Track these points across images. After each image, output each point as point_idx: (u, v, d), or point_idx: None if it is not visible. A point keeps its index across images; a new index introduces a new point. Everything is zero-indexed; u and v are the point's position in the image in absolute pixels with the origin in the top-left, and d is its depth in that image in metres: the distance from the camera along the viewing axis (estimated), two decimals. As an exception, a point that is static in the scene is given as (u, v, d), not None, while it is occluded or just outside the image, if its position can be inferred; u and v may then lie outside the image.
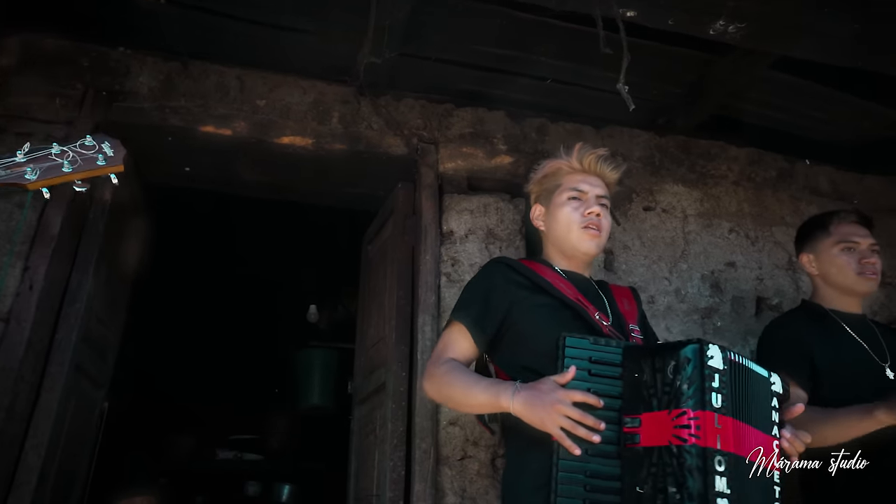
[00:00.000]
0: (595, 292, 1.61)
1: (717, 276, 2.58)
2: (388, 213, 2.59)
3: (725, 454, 1.15)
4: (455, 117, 2.56)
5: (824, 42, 2.18)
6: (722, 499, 1.11)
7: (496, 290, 1.53)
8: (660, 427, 1.19)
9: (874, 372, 1.78)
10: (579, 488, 1.22)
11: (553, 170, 1.68)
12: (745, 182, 2.78)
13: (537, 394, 1.28)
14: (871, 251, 1.88)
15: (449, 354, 1.51)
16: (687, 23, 2.11)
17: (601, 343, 1.33)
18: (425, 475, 2.01)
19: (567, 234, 1.59)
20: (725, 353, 1.23)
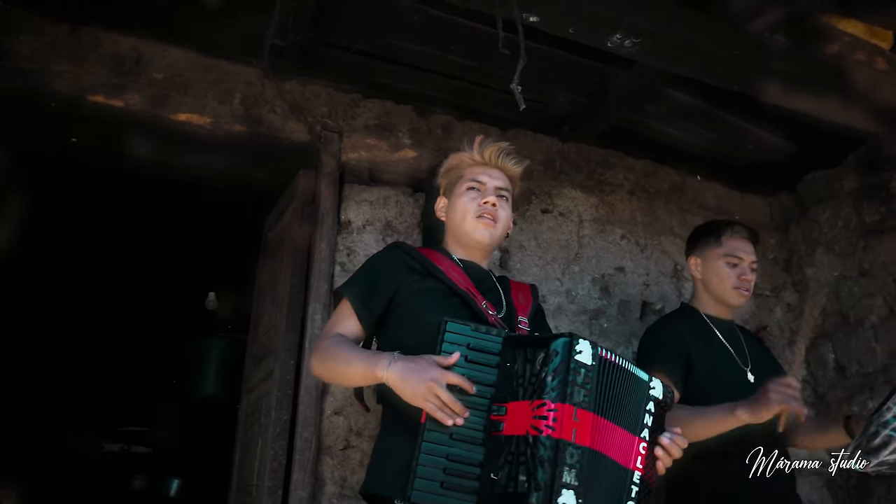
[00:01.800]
0: (491, 284, 1.64)
1: (607, 279, 2.69)
2: (289, 200, 2.55)
3: (579, 448, 1.18)
4: (361, 108, 2.55)
5: (709, 64, 2.32)
6: (567, 490, 1.14)
7: (386, 272, 1.55)
8: (521, 416, 1.22)
9: (737, 374, 1.92)
10: (438, 471, 1.23)
11: (456, 162, 1.72)
12: (639, 192, 2.92)
13: (414, 367, 1.30)
14: (751, 269, 2.02)
15: (336, 330, 1.52)
16: (587, 34, 2.19)
17: (481, 331, 1.34)
18: (305, 464, 1.99)
19: (462, 223, 1.62)
20: (596, 349, 1.26)
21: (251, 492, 2.21)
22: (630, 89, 2.65)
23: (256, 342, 2.66)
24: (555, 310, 2.52)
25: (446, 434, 1.26)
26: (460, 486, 1.23)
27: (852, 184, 2.83)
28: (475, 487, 1.23)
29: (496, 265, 2.51)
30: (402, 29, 2.46)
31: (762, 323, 2.89)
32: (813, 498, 2.63)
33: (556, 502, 1.13)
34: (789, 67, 2.37)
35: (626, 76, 2.59)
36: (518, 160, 1.73)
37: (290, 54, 2.46)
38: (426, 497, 1.22)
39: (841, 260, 2.82)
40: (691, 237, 2.18)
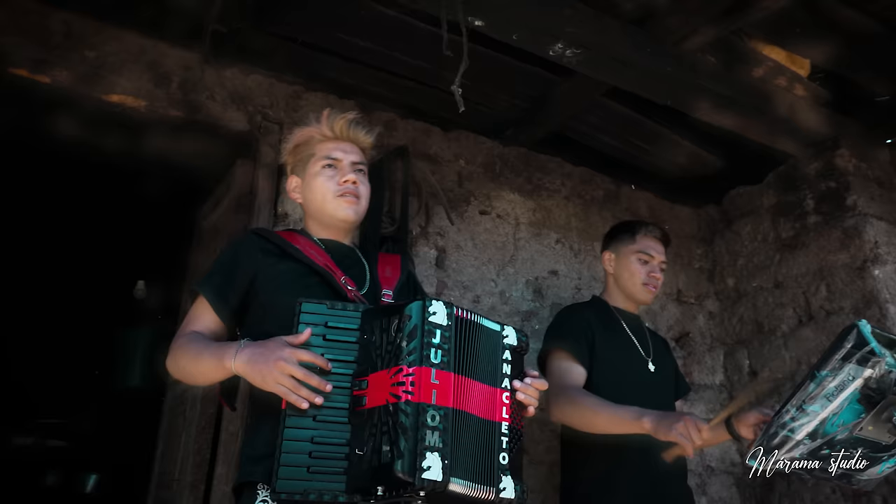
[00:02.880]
0: (354, 259, 1.57)
1: (541, 282, 2.76)
2: (225, 189, 2.50)
3: (441, 409, 1.16)
4: (304, 101, 2.53)
5: (645, 79, 2.42)
6: (433, 452, 1.12)
7: (241, 259, 1.46)
8: (381, 386, 1.18)
9: (639, 363, 2.03)
10: (303, 456, 1.18)
11: (305, 138, 1.60)
12: (575, 198, 3.00)
13: (262, 351, 1.23)
14: (660, 268, 2.11)
15: (191, 328, 1.42)
16: (530, 41, 2.25)
17: (338, 307, 1.28)
18: (229, 459, 1.96)
19: (323, 204, 1.54)
20: (451, 308, 1.23)
21: (171, 486, 2.16)
22: (571, 98, 2.72)
23: (185, 333, 2.59)
24: (488, 310, 2.56)
25: (309, 417, 1.19)
26: (329, 468, 1.18)
27: (771, 200, 3.00)
28: (344, 467, 1.18)
29: (431, 264, 2.53)
30: (349, 23, 2.44)
31: (685, 329, 3.02)
32: (723, 495, 2.78)
33: (421, 466, 1.10)
34: (718, 87, 2.49)
35: (568, 84, 2.67)
36: (368, 130, 1.65)
37: (232, 41, 2.41)
38: (293, 485, 1.16)
39: (759, 272, 2.98)
40: (608, 234, 2.26)
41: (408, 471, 1.11)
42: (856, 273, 2.59)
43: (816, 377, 1.46)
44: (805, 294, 2.76)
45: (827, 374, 1.45)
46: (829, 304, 2.66)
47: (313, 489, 1.17)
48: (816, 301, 2.70)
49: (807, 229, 2.80)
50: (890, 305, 2.48)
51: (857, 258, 2.60)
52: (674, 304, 3.04)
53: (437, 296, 2.45)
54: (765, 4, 2.14)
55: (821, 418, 1.47)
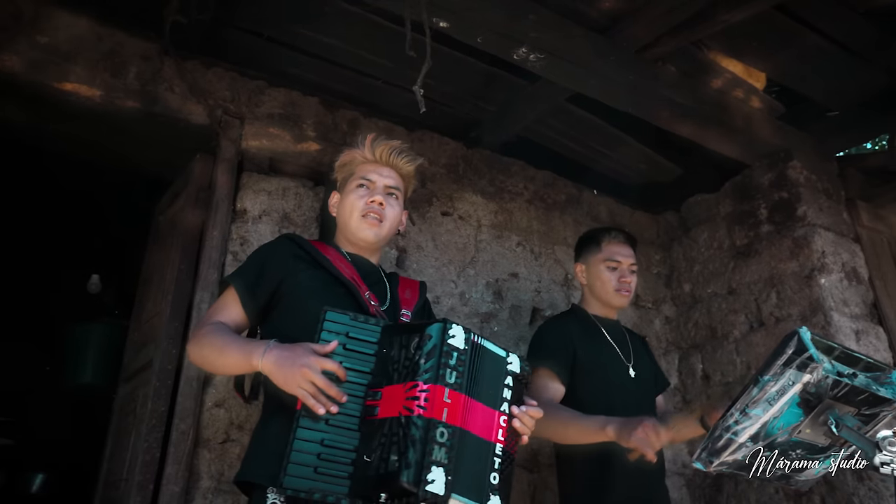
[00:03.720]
0: (378, 278, 1.65)
1: (501, 284, 2.77)
2: (183, 184, 2.45)
3: (450, 427, 1.21)
4: (266, 96, 2.49)
5: (607, 86, 2.46)
6: (438, 467, 1.17)
7: (274, 260, 1.54)
8: (395, 399, 1.24)
9: (621, 369, 2.06)
10: (312, 456, 1.23)
11: (348, 159, 1.71)
12: (537, 202, 3.03)
13: (289, 354, 1.29)
14: (630, 271, 2.14)
15: (217, 318, 1.49)
16: (494, 44, 2.26)
17: (360, 320, 1.34)
18: (180, 457, 1.92)
19: (349, 221, 1.62)
20: (469, 334, 1.29)
21: (119, 486, 2.11)
22: (535, 102, 2.75)
23: (138, 329, 2.53)
24: (448, 311, 2.57)
25: (321, 420, 1.25)
26: (335, 471, 1.22)
27: (727, 209, 3.07)
28: (350, 472, 1.23)
29: (392, 263, 2.53)
30: (314, 19, 2.43)
31: (642, 333, 3.06)
32: (674, 496, 2.83)
33: (426, 479, 1.15)
34: (678, 96, 2.55)
35: (532, 88, 2.70)
36: (410, 159, 1.72)
37: (193, 33, 2.37)
38: (299, 482, 1.21)
39: (714, 278, 3.05)
40: (576, 246, 2.29)
41: (412, 481, 1.15)
42: (804, 281, 2.67)
43: (759, 382, 1.51)
44: (756, 301, 2.83)
45: (769, 379, 1.49)
46: (779, 311, 2.73)
47: (318, 489, 1.22)
48: (767, 308, 2.78)
49: (759, 238, 2.88)
50: (834, 313, 2.57)
51: (805, 267, 2.68)
52: (631, 308, 3.09)
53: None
54: (724, 17, 2.20)
55: (762, 421, 1.52)
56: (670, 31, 2.32)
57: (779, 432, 1.56)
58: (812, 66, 2.66)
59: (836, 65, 2.63)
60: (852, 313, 2.66)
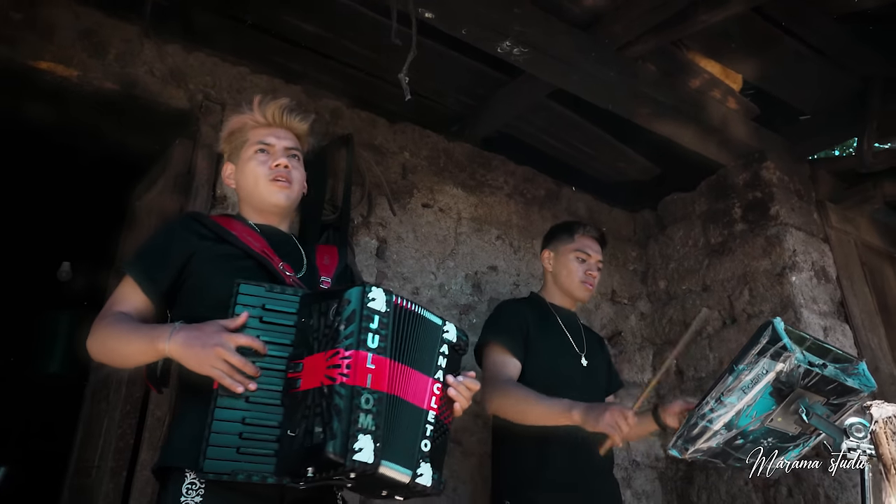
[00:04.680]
0: (292, 246, 1.57)
1: (480, 277, 2.79)
2: (162, 169, 2.42)
3: (376, 392, 1.17)
4: (248, 83, 2.47)
5: (588, 82, 2.49)
6: (365, 435, 1.13)
7: (174, 241, 1.44)
8: (316, 368, 1.19)
9: (573, 358, 2.09)
10: (234, 437, 1.17)
11: (239, 125, 1.59)
12: (517, 196, 3.05)
13: (198, 334, 1.22)
14: (597, 267, 2.18)
15: (117, 308, 1.39)
16: (478, 36, 2.27)
17: (276, 290, 1.28)
18: (156, 444, 1.90)
19: (255, 188, 1.53)
20: (390, 296, 1.24)
21: (90, 473, 2.07)
22: (516, 97, 2.77)
23: (112, 316, 2.49)
24: (427, 302, 2.58)
25: (241, 398, 1.19)
26: (259, 450, 1.17)
27: (703, 207, 3.13)
28: (275, 449, 1.18)
29: (372, 254, 2.53)
30: (297, 7, 2.41)
31: (618, 328, 3.12)
32: (647, 488, 2.89)
33: (353, 448, 1.11)
34: (657, 94, 2.59)
35: (514, 84, 2.72)
36: (303, 116, 1.63)
37: (174, 16, 2.34)
38: (221, 465, 1.15)
39: (689, 275, 3.11)
40: (548, 233, 2.32)
41: (339, 452, 1.10)
42: (775, 279, 2.74)
43: (734, 371, 1.55)
44: (730, 297, 2.89)
45: (744, 368, 1.53)
46: (751, 308, 2.80)
47: (242, 470, 1.16)
48: (739, 304, 2.84)
49: (734, 236, 2.95)
50: (804, 310, 2.64)
51: (777, 265, 2.75)
52: (608, 303, 3.14)
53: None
54: (703, 18, 2.24)
55: (737, 409, 1.55)
56: (651, 30, 2.36)
57: (751, 420, 1.60)
58: (786, 70, 2.73)
59: (809, 69, 2.70)
60: (821, 310, 2.73)
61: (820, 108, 2.95)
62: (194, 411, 1.27)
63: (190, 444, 1.22)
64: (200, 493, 1.23)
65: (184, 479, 1.24)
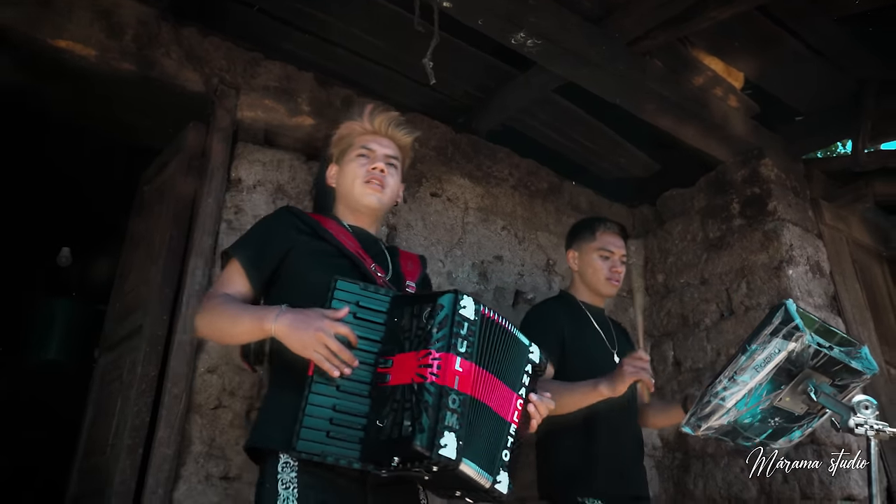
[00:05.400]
0: (379, 250, 1.67)
1: (486, 266, 2.83)
2: (174, 152, 2.43)
3: (461, 394, 1.24)
4: (262, 68, 2.49)
5: (598, 75, 2.54)
6: (449, 432, 1.20)
7: (276, 233, 1.54)
8: (407, 367, 1.26)
9: (606, 355, 2.13)
10: (325, 421, 1.25)
11: (347, 131, 1.72)
12: (521, 188, 3.10)
13: (303, 318, 1.30)
14: (621, 262, 2.22)
15: (224, 290, 1.49)
16: (495, 27, 2.31)
17: (370, 290, 1.37)
18: (172, 421, 1.92)
19: (351, 188, 1.64)
20: (479, 306, 1.32)
21: (105, 451, 2.08)
22: (525, 91, 2.82)
23: (121, 299, 2.50)
24: (434, 289, 2.61)
25: (333, 386, 1.27)
26: (346, 436, 1.25)
27: (701, 203, 3.20)
28: (360, 437, 1.26)
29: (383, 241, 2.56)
30: (312, -4, 2.44)
31: (618, 320, 3.16)
32: (645, 477, 2.94)
33: (439, 443, 1.18)
34: (664, 90, 2.65)
35: (523, 77, 2.76)
36: (408, 130, 1.74)
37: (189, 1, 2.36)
38: (312, 446, 1.24)
39: (687, 269, 3.18)
40: (570, 233, 2.36)
41: (426, 445, 1.18)
42: (773, 272, 2.81)
43: (747, 350, 1.60)
44: (728, 291, 2.96)
45: (757, 348, 1.59)
46: (749, 301, 2.87)
47: (331, 453, 1.25)
48: (737, 297, 2.91)
49: (732, 231, 3.02)
50: (800, 302, 2.71)
51: (774, 259, 2.82)
52: (608, 295, 3.19)
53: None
54: (712, 14, 2.30)
55: (749, 388, 1.61)
56: (660, 26, 2.42)
57: (761, 399, 1.66)
58: (786, 69, 2.81)
59: (808, 69, 2.78)
60: (815, 304, 2.81)
61: (816, 108, 3.04)
62: (288, 396, 1.34)
63: (283, 428, 1.30)
64: (295, 470, 1.31)
65: (279, 458, 1.32)
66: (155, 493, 1.84)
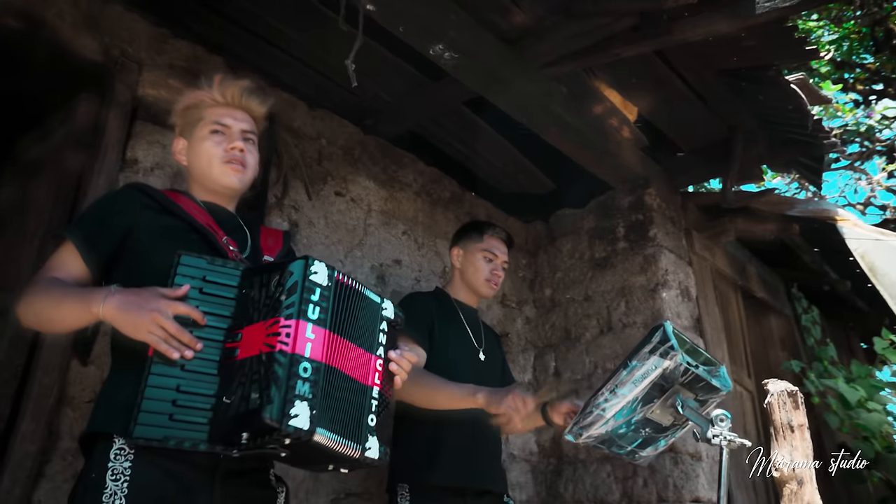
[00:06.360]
0: (236, 225, 1.57)
1: (385, 269, 2.85)
2: (61, 122, 2.25)
3: (314, 362, 1.19)
4: (169, 45, 2.37)
5: (508, 94, 2.65)
6: (301, 401, 1.14)
7: (117, 209, 1.41)
8: (255, 338, 1.21)
9: (472, 352, 2.22)
10: (167, 404, 1.17)
11: (195, 101, 1.58)
12: (424, 195, 3.16)
13: (136, 299, 1.21)
14: (502, 267, 2.33)
15: (52, 274, 1.35)
16: (415, 35, 2.35)
17: (218, 263, 1.29)
18: (40, 415, 1.77)
19: (208, 169, 1.51)
20: (332, 271, 1.27)
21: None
22: (436, 100, 2.88)
23: (-18, 277, 2.26)
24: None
25: (176, 366, 1.19)
26: (192, 418, 1.18)
27: (590, 224, 3.42)
28: (209, 418, 1.19)
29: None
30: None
31: (505, 330, 3.31)
32: (521, 480, 3.09)
33: (290, 413, 1.12)
34: (566, 116, 2.81)
35: (436, 86, 2.82)
36: (262, 99, 1.62)
37: (91, -39, 2.20)
38: (152, 431, 1.15)
39: (573, 285, 3.37)
40: (458, 231, 2.44)
41: (276, 417, 1.12)
42: (649, 294, 3.06)
43: (628, 366, 1.74)
44: (608, 308, 3.18)
45: (636, 364, 1.73)
46: (626, 318, 3.10)
47: (173, 437, 1.16)
48: (616, 315, 3.14)
49: (616, 253, 3.25)
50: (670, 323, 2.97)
51: (651, 281, 3.07)
52: (498, 306, 3.32)
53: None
54: (617, 51, 2.47)
55: (627, 400, 1.75)
56: (570, 55, 2.56)
57: (636, 411, 1.81)
58: (674, 109, 3.07)
59: (692, 112, 3.07)
60: (683, 325, 3.09)
61: (695, 147, 3.35)
62: (126, 378, 1.25)
63: (120, 411, 1.20)
64: (129, 459, 1.20)
65: (111, 444, 1.21)
66: (10, 494, 1.69)
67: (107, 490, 1.17)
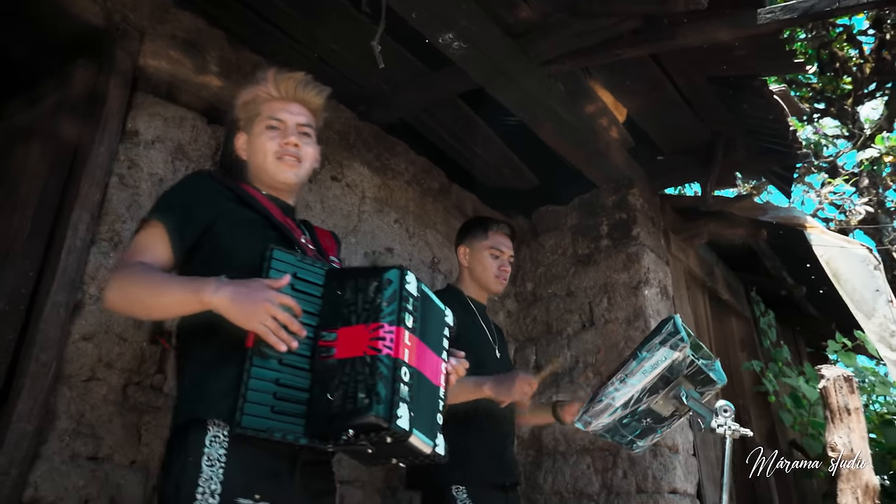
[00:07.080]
0: (298, 221, 1.60)
1: (377, 256, 2.84)
2: (55, 87, 2.14)
3: (411, 367, 1.27)
4: (172, 15, 2.29)
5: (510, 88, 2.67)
6: (403, 404, 1.22)
7: (201, 199, 1.42)
8: (356, 340, 1.26)
9: (489, 349, 2.24)
10: (269, 396, 1.22)
11: (251, 97, 1.57)
12: (415, 185, 3.15)
13: (246, 290, 1.23)
14: (509, 262, 2.35)
15: (140, 258, 1.34)
16: (426, 23, 2.34)
17: (308, 261, 1.35)
18: (37, 393, 1.69)
19: (264, 164, 1.52)
20: (419, 282, 1.36)
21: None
22: (432, 89, 2.88)
23: (-40, 247, 2.13)
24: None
25: (275, 359, 1.24)
26: (291, 411, 1.24)
27: (574, 221, 3.48)
28: (303, 411, 1.25)
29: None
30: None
31: (489, 321, 3.33)
32: (501, 470, 3.12)
33: (396, 414, 1.20)
34: (562, 113, 2.86)
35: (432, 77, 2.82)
36: (319, 90, 1.61)
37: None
38: (258, 422, 1.20)
39: (555, 280, 3.43)
40: (462, 229, 2.44)
41: (384, 416, 1.19)
42: (632, 291, 3.14)
43: (638, 356, 1.80)
44: (591, 304, 3.25)
45: (646, 355, 1.79)
46: (608, 314, 3.18)
47: (277, 428, 1.22)
48: (599, 310, 3.21)
49: (599, 250, 3.32)
50: (652, 319, 3.06)
51: (634, 279, 3.16)
52: (482, 298, 3.35)
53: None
54: (616, 52, 2.53)
55: (636, 390, 1.81)
56: (571, 53, 2.61)
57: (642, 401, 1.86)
58: (661, 112, 3.16)
59: (678, 115, 3.16)
60: (661, 322, 3.19)
61: (677, 150, 3.46)
62: (222, 368, 1.27)
63: (221, 400, 1.23)
64: (224, 446, 1.22)
65: (206, 431, 1.23)
66: (7, 475, 1.61)
67: (202, 475, 1.19)
